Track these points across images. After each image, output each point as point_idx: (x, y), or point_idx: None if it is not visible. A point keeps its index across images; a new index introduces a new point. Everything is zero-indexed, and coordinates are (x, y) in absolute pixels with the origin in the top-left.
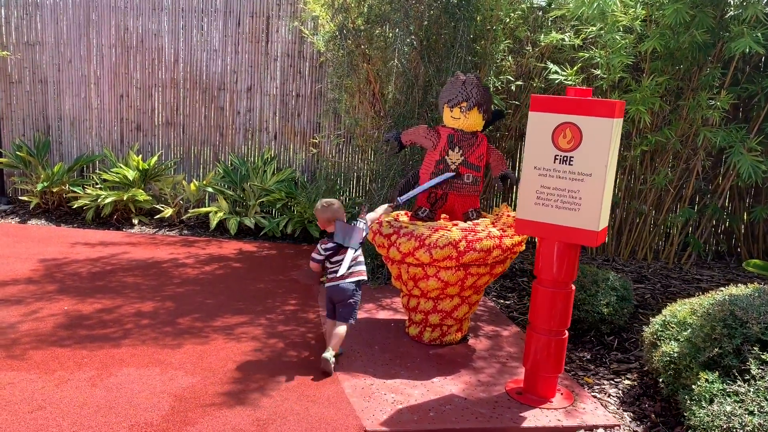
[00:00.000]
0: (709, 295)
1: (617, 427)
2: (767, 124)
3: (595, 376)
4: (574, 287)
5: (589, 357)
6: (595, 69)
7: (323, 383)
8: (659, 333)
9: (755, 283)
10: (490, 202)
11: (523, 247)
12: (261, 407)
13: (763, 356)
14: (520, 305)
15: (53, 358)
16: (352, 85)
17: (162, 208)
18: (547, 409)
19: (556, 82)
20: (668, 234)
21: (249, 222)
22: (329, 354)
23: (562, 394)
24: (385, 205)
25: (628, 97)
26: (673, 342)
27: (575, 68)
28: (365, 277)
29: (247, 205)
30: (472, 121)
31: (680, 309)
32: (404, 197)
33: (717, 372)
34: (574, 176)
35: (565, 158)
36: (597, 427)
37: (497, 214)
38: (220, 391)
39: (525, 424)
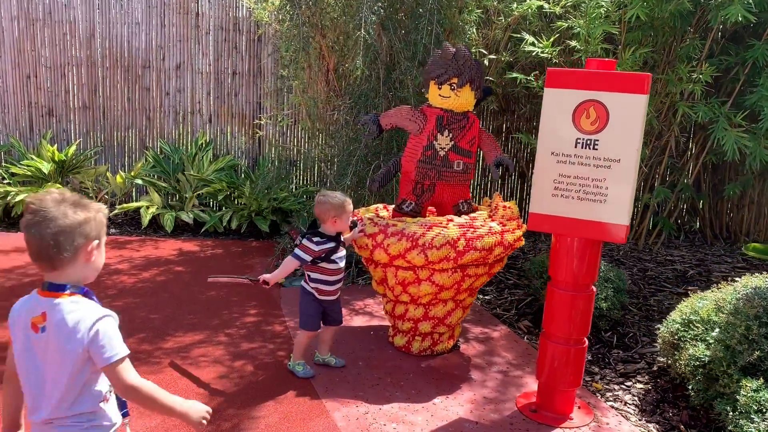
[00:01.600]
0: (730, 289)
1: None
2: (744, 98)
3: (602, 380)
4: (595, 289)
5: (590, 358)
6: (571, 40)
7: (310, 415)
8: (681, 333)
9: (764, 273)
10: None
11: (523, 242)
12: None
13: None
14: (501, 300)
15: None
16: (302, 62)
17: None
18: (569, 428)
19: (533, 54)
20: (637, 214)
21: (187, 217)
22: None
23: (579, 407)
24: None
25: None
26: (700, 344)
27: (551, 40)
28: None
29: (183, 198)
30: (463, 99)
31: (700, 305)
32: (220, 278)
33: (761, 378)
34: (599, 162)
35: (588, 142)
36: None
37: (491, 205)
38: None
39: None
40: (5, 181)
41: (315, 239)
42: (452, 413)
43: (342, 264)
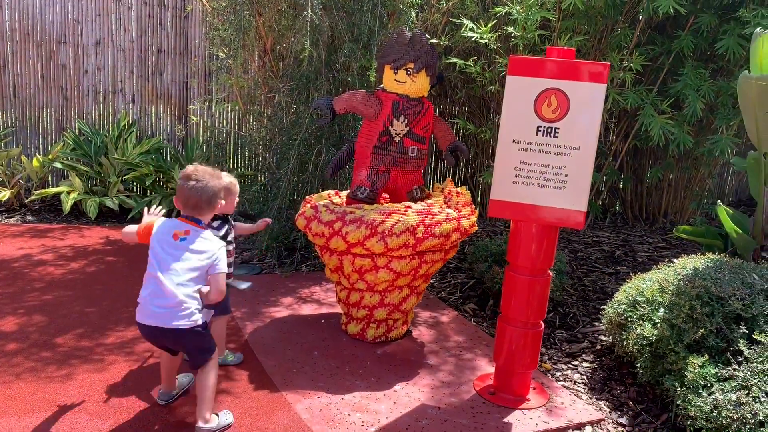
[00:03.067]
0: (671, 270)
1: (602, 422)
2: (669, 87)
3: (550, 360)
4: (551, 274)
5: None
6: (508, 26)
7: (272, 409)
8: (627, 313)
9: (705, 254)
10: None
11: (476, 228)
12: None
13: (755, 336)
14: (444, 284)
15: None
16: (236, 42)
17: None
18: (528, 409)
19: (471, 39)
20: None
21: (112, 203)
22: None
23: (534, 389)
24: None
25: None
26: (647, 323)
27: (489, 26)
28: None
29: (107, 183)
30: (419, 85)
31: (645, 286)
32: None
33: (705, 355)
34: (559, 150)
35: (549, 130)
36: (584, 424)
37: (443, 191)
38: None
39: None
40: None
41: (215, 224)
42: (414, 400)
43: (233, 246)
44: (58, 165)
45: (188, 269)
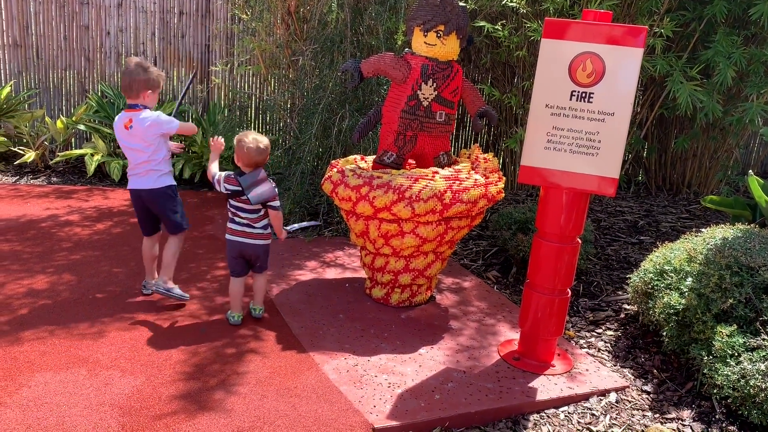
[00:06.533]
0: (699, 239)
1: (627, 389)
2: (698, 54)
3: (574, 327)
4: (579, 241)
5: None
6: None
7: (300, 369)
8: (654, 282)
9: (734, 224)
10: None
11: (503, 195)
12: (234, 411)
13: None
14: (467, 251)
15: None
16: (260, 3)
17: (22, 152)
18: (552, 375)
19: (502, 3)
20: None
21: None
22: (260, 309)
23: (559, 355)
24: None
25: None
26: (674, 293)
27: None
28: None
29: None
30: (449, 48)
31: (673, 255)
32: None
33: (733, 324)
34: (593, 116)
35: (584, 95)
36: (608, 391)
37: (470, 157)
38: (174, 394)
39: (539, 397)
40: None
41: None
42: (439, 363)
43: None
44: (81, 127)
45: (144, 147)
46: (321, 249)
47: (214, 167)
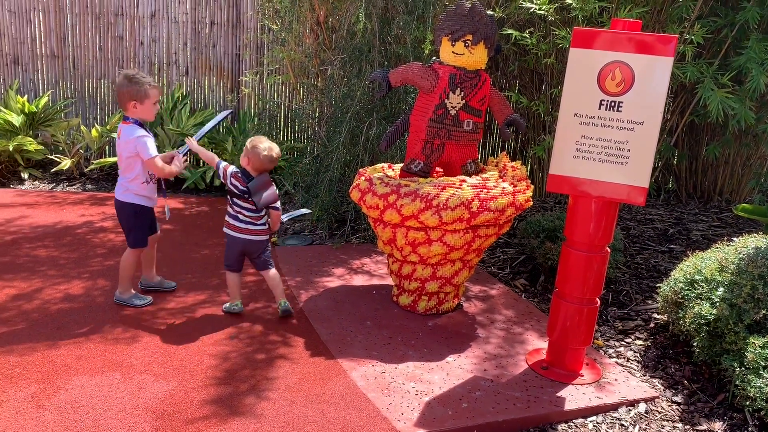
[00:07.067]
0: (730, 249)
1: (657, 400)
2: (730, 60)
3: (602, 336)
4: (608, 250)
5: None
6: None
7: (329, 375)
8: (685, 292)
9: (767, 233)
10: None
11: (531, 204)
12: (265, 416)
13: None
14: (494, 259)
15: None
16: (290, 14)
17: (58, 159)
18: (581, 384)
19: (530, 10)
20: None
21: None
22: (284, 301)
23: (587, 365)
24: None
25: None
26: (705, 302)
27: None
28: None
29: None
30: (477, 57)
31: (703, 264)
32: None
33: (766, 336)
34: (623, 125)
35: (612, 104)
36: (638, 401)
37: (498, 166)
38: (206, 399)
39: (567, 407)
40: None
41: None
42: (466, 371)
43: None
44: (115, 135)
45: (121, 158)
46: (348, 256)
47: (215, 157)
